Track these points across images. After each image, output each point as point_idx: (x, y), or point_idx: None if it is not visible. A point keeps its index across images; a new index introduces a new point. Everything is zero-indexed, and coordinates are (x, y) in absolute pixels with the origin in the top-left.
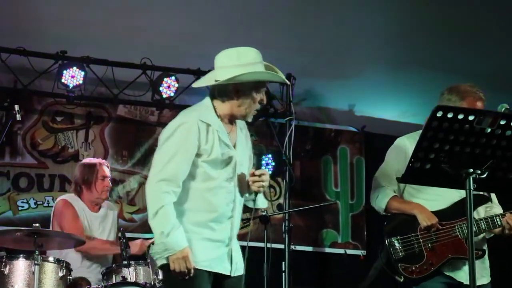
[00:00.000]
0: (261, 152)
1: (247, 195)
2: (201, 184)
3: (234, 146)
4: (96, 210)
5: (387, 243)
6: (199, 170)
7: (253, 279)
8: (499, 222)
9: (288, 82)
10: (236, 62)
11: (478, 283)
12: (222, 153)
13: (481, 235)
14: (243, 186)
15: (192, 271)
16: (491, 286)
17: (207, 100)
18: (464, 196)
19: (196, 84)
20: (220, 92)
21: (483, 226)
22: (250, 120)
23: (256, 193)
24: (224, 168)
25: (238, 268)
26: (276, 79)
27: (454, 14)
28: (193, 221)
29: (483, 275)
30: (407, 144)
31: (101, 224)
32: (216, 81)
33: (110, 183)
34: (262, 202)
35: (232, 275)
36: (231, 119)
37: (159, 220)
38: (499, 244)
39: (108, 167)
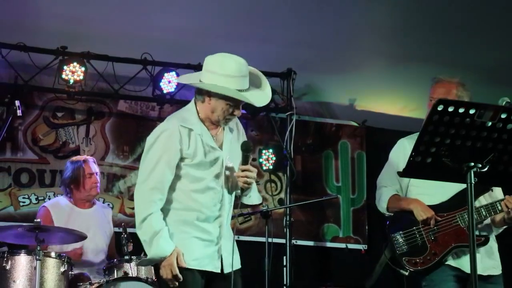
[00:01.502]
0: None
1: (239, 191)
2: (188, 185)
3: (221, 146)
4: (86, 207)
5: (390, 239)
6: (184, 172)
7: (254, 273)
8: (499, 207)
9: (257, 105)
10: (217, 70)
11: (488, 273)
12: (206, 155)
13: (485, 222)
14: (233, 184)
15: (180, 277)
16: (503, 278)
17: (191, 102)
18: (463, 187)
19: (180, 80)
20: (198, 94)
21: (483, 213)
22: (223, 125)
23: (242, 189)
24: (209, 169)
25: (229, 265)
26: (241, 99)
27: (454, 8)
28: (182, 221)
29: (494, 266)
30: (406, 145)
31: (89, 222)
32: (200, 81)
33: (98, 179)
34: (255, 198)
35: (225, 272)
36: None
37: (143, 230)
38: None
39: (95, 162)
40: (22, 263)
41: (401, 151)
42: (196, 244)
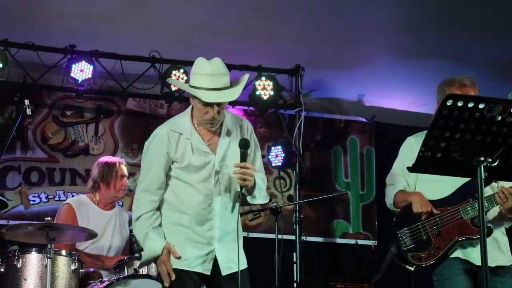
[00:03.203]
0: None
1: (242, 190)
2: (179, 188)
3: (215, 150)
4: (107, 209)
5: (396, 235)
6: (175, 175)
7: (264, 270)
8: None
9: (205, 99)
10: (194, 70)
11: (496, 263)
12: (195, 159)
13: (488, 214)
14: (232, 186)
15: (172, 273)
16: None
17: (190, 106)
18: (467, 180)
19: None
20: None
21: (486, 204)
22: (210, 128)
23: (241, 187)
24: (199, 173)
25: (227, 267)
26: (199, 97)
27: (463, 3)
28: (173, 222)
29: (503, 257)
30: (412, 143)
31: (107, 224)
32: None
33: (127, 182)
34: (261, 197)
35: (223, 274)
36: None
37: (136, 231)
38: None
39: (125, 166)
40: (33, 261)
41: (408, 150)
42: (187, 246)
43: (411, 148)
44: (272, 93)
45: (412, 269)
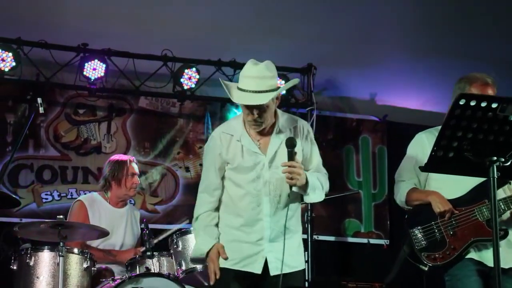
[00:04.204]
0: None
1: (295, 189)
2: (232, 190)
3: (266, 150)
4: (119, 206)
5: (409, 234)
6: (228, 176)
7: None
8: None
9: (235, 100)
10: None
11: (510, 265)
12: (245, 160)
13: (504, 216)
14: (283, 186)
15: (217, 272)
16: None
17: None
18: (481, 180)
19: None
20: None
21: (502, 206)
22: (256, 130)
23: (291, 186)
24: (249, 174)
25: (278, 267)
26: (230, 97)
27: (476, 1)
28: (226, 224)
29: None
30: (424, 139)
31: (118, 221)
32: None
33: (139, 181)
34: (315, 196)
35: (271, 274)
36: None
37: (194, 230)
38: None
39: (137, 164)
40: (45, 259)
41: (419, 145)
42: (237, 246)
43: (422, 143)
44: (284, 92)
45: (426, 268)
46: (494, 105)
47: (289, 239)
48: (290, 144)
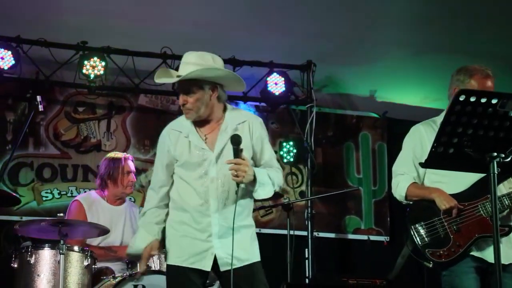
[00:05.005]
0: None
1: (242, 186)
2: (180, 186)
3: (213, 147)
4: (117, 204)
5: (411, 230)
6: (176, 173)
7: (276, 266)
8: None
9: (155, 79)
10: None
11: (509, 261)
12: (192, 156)
13: (506, 211)
14: (230, 182)
15: (140, 272)
16: None
17: None
18: (483, 175)
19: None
20: None
21: (506, 202)
22: (187, 117)
23: (237, 183)
24: (196, 170)
25: (228, 263)
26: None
27: None
28: (174, 220)
29: None
30: (421, 130)
31: (117, 219)
32: None
33: (135, 178)
34: (264, 192)
35: (221, 270)
36: (207, 120)
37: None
38: None
39: (132, 161)
40: (46, 257)
41: (417, 138)
42: (185, 243)
43: (420, 135)
44: (283, 89)
45: (430, 265)
46: (494, 101)
47: (239, 233)
48: (235, 141)
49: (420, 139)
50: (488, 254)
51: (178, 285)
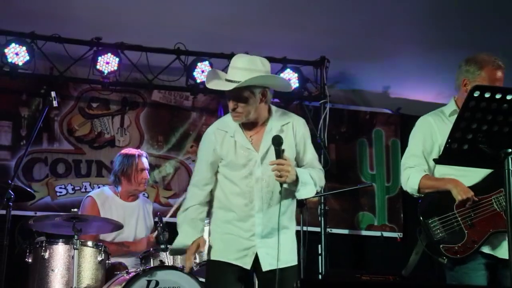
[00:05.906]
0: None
1: (285, 186)
2: (225, 186)
3: (258, 147)
4: (130, 200)
5: (425, 225)
6: (221, 172)
7: None
8: None
9: (208, 85)
10: None
11: None
12: (238, 156)
13: None
14: (275, 182)
15: (187, 267)
16: None
17: None
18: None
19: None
20: None
21: None
22: (235, 121)
23: (281, 183)
24: (241, 170)
25: (269, 263)
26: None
27: None
28: (219, 219)
29: None
30: (431, 121)
31: (129, 215)
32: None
33: (148, 175)
34: (306, 192)
35: (263, 270)
36: (254, 121)
37: (178, 221)
38: None
39: (146, 158)
40: (60, 252)
41: (427, 129)
42: (228, 240)
43: (430, 126)
44: (297, 85)
45: (445, 261)
46: (509, 97)
47: (282, 234)
48: (277, 142)
49: (430, 131)
50: (498, 250)
51: (218, 279)
